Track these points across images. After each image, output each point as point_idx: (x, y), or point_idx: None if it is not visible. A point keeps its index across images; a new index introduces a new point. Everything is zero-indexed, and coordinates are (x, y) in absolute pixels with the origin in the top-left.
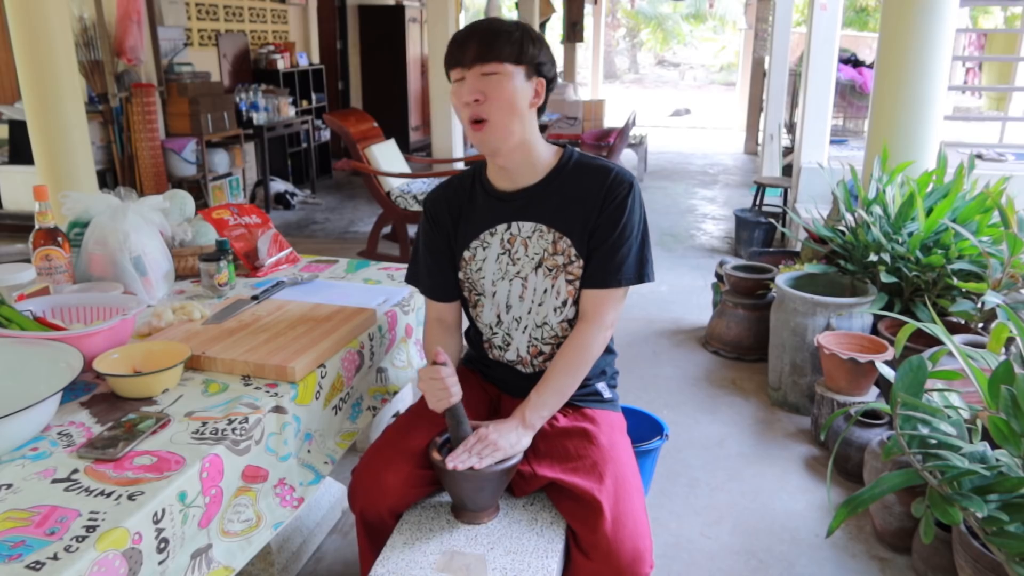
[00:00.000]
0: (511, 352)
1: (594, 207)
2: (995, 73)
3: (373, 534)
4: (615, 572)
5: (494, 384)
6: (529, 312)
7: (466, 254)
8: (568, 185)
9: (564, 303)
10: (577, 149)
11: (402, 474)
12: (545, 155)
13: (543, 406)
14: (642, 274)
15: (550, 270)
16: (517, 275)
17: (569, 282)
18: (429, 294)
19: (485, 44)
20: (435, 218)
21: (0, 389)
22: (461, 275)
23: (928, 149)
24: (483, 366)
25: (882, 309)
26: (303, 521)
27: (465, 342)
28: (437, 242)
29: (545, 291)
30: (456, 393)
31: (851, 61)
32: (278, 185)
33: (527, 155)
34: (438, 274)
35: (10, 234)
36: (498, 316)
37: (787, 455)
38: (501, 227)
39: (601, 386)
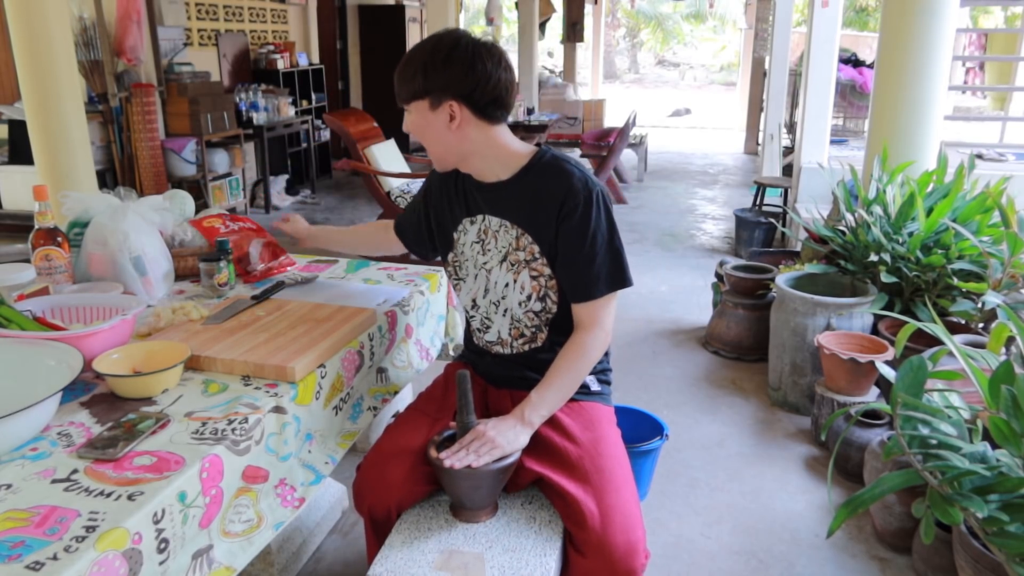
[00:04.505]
0: (491, 334)
1: (553, 210)
2: (995, 73)
3: (381, 532)
4: (609, 566)
5: (483, 377)
6: (500, 300)
7: (454, 235)
8: (534, 185)
9: (529, 297)
10: (553, 150)
11: (406, 469)
12: (515, 154)
13: (542, 404)
14: (620, 279)
15: (512, 265)
16: (484, 266)
17: (533, 278)
18: (396, 225)
19: (396, 87)
20: (428, 186)
21: (0, 389)
22: (451, 256)
23: (928, 149)
24: (473, 360)
25: (882, 309)
26: (303, 521)
27: (464, 341)
28: (418, 202)
29: (507, 285)
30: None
31: (851, 61)
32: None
33: (488, 159)
34: (408, 217)
35: (10, 234)
36: (474, 300)
37: (787, 455)
38: (479, 217)
39: (589, 379)
